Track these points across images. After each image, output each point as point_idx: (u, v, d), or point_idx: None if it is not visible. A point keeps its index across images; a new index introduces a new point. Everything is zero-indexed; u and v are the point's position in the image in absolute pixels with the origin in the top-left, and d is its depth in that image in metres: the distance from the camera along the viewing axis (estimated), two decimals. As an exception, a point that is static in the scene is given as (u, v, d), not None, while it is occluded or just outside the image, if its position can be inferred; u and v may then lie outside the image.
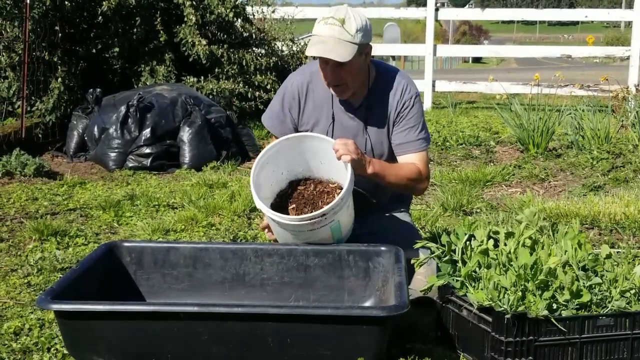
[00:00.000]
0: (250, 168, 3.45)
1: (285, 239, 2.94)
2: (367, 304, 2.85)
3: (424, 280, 2.89)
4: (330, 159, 2.82)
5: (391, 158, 3.08)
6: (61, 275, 3.33)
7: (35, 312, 3.00)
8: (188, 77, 7.67)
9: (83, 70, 7.60)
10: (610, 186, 5.40)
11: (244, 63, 7.91)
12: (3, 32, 7.03)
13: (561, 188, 5.49)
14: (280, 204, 2.99)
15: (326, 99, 3.02)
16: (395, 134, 3.03)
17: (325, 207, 2.74)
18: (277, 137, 3.10)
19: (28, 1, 6.58)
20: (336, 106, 3.02)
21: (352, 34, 2.80)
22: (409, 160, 3.02)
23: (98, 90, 6.74)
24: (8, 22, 7.00)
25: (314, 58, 2.93)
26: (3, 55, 6.99)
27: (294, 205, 2.98)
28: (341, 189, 2.88)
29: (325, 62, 2.86)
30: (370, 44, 2.95)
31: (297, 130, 3.09)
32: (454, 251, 2.72)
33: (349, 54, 2.79)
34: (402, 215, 3.27)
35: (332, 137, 3.00)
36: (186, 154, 6.20)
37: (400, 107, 3.00)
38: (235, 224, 4.41)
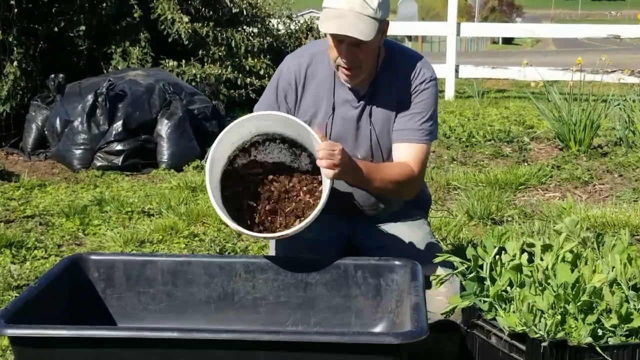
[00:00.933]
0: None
1: None
2: (378, 328, 2.85)
3: (445, 301, 2.88)
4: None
5: None
6: (17, 294, 3.33)
7: (-13, 338, 3.00)
8: (167, 60, 7.69)
9: (43, 52, 7.60)
10: (666, 190, 5.41)
11: (233, 44, 7.93)
12: (-52, 7, 7.03)
13: (608, 192, 5.49)
14: (237, 170, 2.93)
15: (327, 86, 3.01)
16: (398, 119, 3.02)
17: (295, 227, 2.74)
18: None
19: (-22, -30, 6.59)
20: (338, 95, 3.01)
21: (374, 8, 2.78)
22: (404, 151, 3.00)
23: (61, 75, 6.75)
24: (-46, -5, 7.01)
25: (325, 35, 2.92)
26: (-52, 35, 6.99)
27: (263, 206, 2.94)
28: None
29: (339, 41, 2.84)
30: (389, 20, 2.95)
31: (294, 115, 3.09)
32: (481, 267, 2.72)
33: (371, 31, 2.77)
34: (419, 224, 3.26)
35: (330, 131, 3.03)
36: (164, 152, 6.22)
37: (410, 91, 3.00)
38: (223, 234, 4.41)
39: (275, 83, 3.09)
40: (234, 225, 2.73)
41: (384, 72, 3.01)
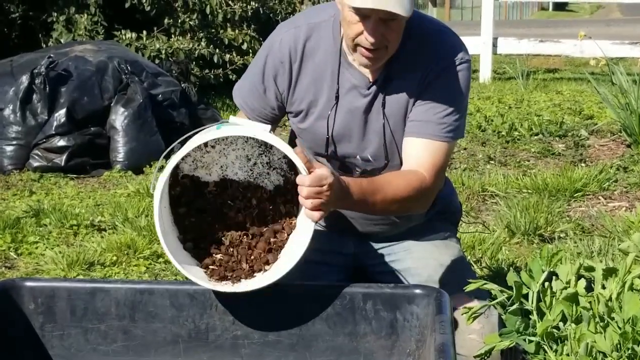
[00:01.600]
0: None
1: None
2: (394, 376, 2.86)
3: (479, 340, 2.89)
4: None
5: None
6: None
7: None
8: (123, 31, 7.70)
9: (-37, 21, 7.63)
10: None
11: (207, 11, 7.95)
12: None
13: (688, 202, 5.50)
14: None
15: (330, 68, 2.99)
16: (415, 108, 2.99)
17: (263, 282, 2.75)
18: (241, 110, 3.13)
19: None
20: (343, 79, 2.99)
21: None
22: (417, 150, 2.96)
23: (-14, 51, 6.77)
24: None
25: (353, 10, 2.87)
26: None
27: (218, 257, 2.95)
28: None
29: (364, 15, 2.82)
30: None
31: (282, 110, 3.09)
32: (526, 297, 2.73)
33: (411, 4, 2.76)
34: (446, 242, 3.27)
35: (333, 124, 3.02)
36: (120, 148, 6.23)
37: (433, 75, 2.97)
38: (195, 254, 4.42)
39: (264, 60, 3.07)
40: (184, 272, 2.74)
41: (404, 51, 2.96)
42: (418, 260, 3.19)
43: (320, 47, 2.99)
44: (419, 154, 2.96)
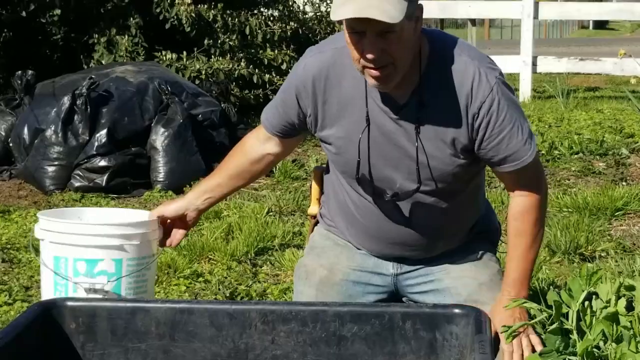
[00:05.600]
0: (255, 192, 3.50)
1: None
2: (434, 396, 2.85)
3: (520, 358, 2.88)
4: None
5: (457, 178, 3.06)
6: (-27, 350, 3.37)
7: None
8: (163, 52, 7.74)
9: (8, 42, 7.70)
10: None
11: (247, 31, 7.99)
12: None
13: None
14: None
15: (358, 91, 2.96)
16: (489, 147, 2.96)
17: None
18: (269, 132, 3.16)
19: None
20: (372, 103, 2.96)
21: None
22: (518, 179, 3.01)
23: (30, 72, 6.82)
24: None
25: (340, 24, 2.89)
26: None
27: None
28: None
29: (358, 33, 2.79)
30: (422, 3, 2.88)
31: (302, 126, 3.11)
32: (566, 316, 2.72)
33: (398, 11, 2.67)
34: (484, 261, 3.25)
35: (368, 148, 3.00)
36: (160, 168, 6.26)
37: (477, 108, 2.91)
38: (234, 273, 4.42)
39: (289, 83, 3.08)
40: None
41: (431, 72, 2.93)
42: (457, 280, 3.18)
43: (347, 71, 2.95)
44: (523, 181, 3.02)
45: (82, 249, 3.34)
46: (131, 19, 7.76)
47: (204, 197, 3.29)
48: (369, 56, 2.75)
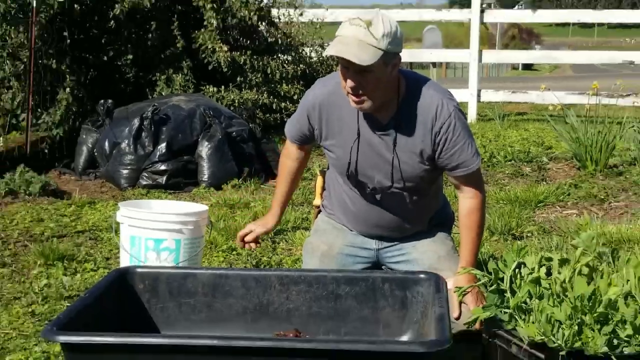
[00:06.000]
0: (274, 187, 3.50)
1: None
2: (405, 338, 2.84)
3: (467, 312, 2.87)
4: None
5: (423, 180, 3.06)
6: (68, 304, 3.37)
7: (40, 344, 3.03)
8: (207, 86, 7.74)
9: (93, 79, 7.70)
10: (678, 208, 5.35)
11: (268, 71, 7.97)
12: (7, 38, 7.13)
13: (623, 210, 5.44)
14: None
15: (352, 112, 2.98)
16: (446, 157, 2.96)
17: None
18: (291, 142, 3.25)
19: (34, 4, 6.69)
20: (362, 121, 2.98)
21: (378, 37, 2.72)
22: (467, 181, 3.01)
23: (109, 101, 6.82)
24: (13, 28, 7.10)
25: (336, 64, 2.94)
26: (7, 64, 7.09)
27: None
28: None
29: (345, 67, 2.80)
30: (399, 54, 2.88)
31: (312, 136, 3.14)
32: (502, 280, 2.71)
33: (370, 58, 2.71)
34: (442, 240, 3.25)
35: (357, 153, 3.02)
36: (205, 171, 6.25)
37: (440, 126, 2.92)
38: (259, 248, 4.42)
39: (302, 105, 3.14)
40: None
41: (407, 104, 2.94)
42: (422, 253, 3.19)
43: (344, 99, 2.95)
44: (470, 184, 3.03)
45: (152, 231, 3.37)
46: (184, 62, 7.75)
47: (279, 210, 3.40)
48: (349, 86, 2.81)
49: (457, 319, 2.89)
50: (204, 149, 6.30)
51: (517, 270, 2.71)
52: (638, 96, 9.90)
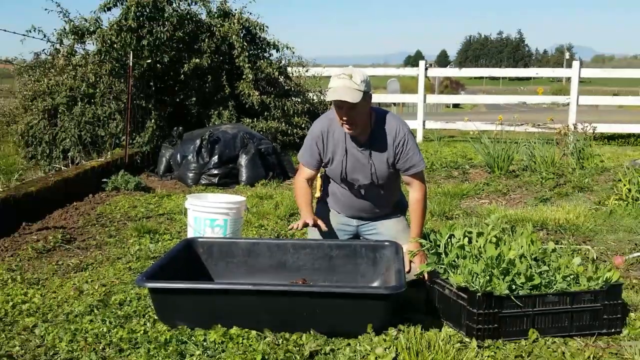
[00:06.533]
0: (289, 185, 3.49)
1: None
2: (375, 284, 2.85)
3: (416, 268, 2.88)
4: None
5: (389, 179, 3.05)
6: (153, 262, 3.37)
7: (135, 289, 3.03)
8: (245, 118, 7.73)
9: (170, 114, 7.70)
10: (555, 198, 5.34)
11: (285, 108, 7.97)
12: (113, 86, 7.15)
13: (519, 200, 5.44)
14: None
15: (341, 137, 2.98)
16: (402, 162, 2.97)
17: None
18: (305, 167, 3.07)
19: (130, 64, 6.70)
20: (348, 143, 2.98)
21: (358, 83, 2.77)
22: (415, 179, 2.99)
23: (180, 128, 6.84)
24: (116, 80, 7.13)
25: (331, 104, 2.92)
26: (113, 104, 7.10)
27: None
28: None
29: (339, 107, 2.81)
30: (371, 93, 2.91)
31: (321, 159, 3.06)
32: (439, 246, 2.72)
33: (357, 97, 2.76)
34: (400, 220, 3.26)
35: (346, 164, 2.99)
36: (243, 175, 6.23)
37: (398, 142, 2.95)
38: (279, 225, 4.42)
39: (310, 136, 3.08)
40: None
41: (376, 128, 2.96)
42: (387, 229, 3.18)
43: (336, 128, 2.96)
44: (416, 181, 3.00)
45: (208, 214, 3.37)
46: (229, 102, 7.74)
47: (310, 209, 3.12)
48: (344, 118, 2.82)
49: (409, 272, 2.90)
50: (243, 160, 6.28)
51: (449, 240, 2.72)
52: (529, 125, 9.90)
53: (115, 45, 6.92)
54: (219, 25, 7.79)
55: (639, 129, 10.22)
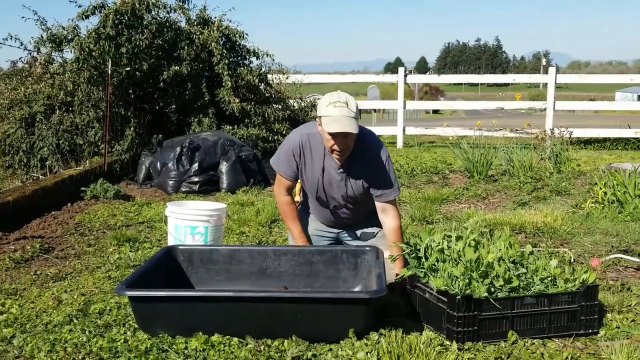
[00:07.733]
0: (271, 192, 3.48)
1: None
2: (356, 289, 2.85)
3: (397, 271, 2.89)
4: None
5: (364, 198, 3.02)
6: (133, 270, 3.34)
7: (114, 297, 3.00)
8: (225, 125, 7.71)
9: (149, 121, 7.65)
10: (533, 202, 5.41)
11: (266, 115, 7.96)
12: (91, 94, 7.08)
13: (497, 204, 5.49)
14: None
15: (319, 155, 2.94)
16: (377, 188, 2.95)
17: None
18: (283, 177, 3.02)
19: (109, 72, 6.65)
20: (327, 162, 2.95)
21: (354, 111, 2.77)
22: (389, 205, 2.96)
23: (160, 136, 6.79)
24: (95, 88, 7.06)
25: (319, 124, 2.85)
26: (91, 112, 7.04)
27: None
28: None
29: (337, 136, 2.78)
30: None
31: (297, 172, 3.01)
32: (419, 250, 2.73)
33: (356, 127, 2.76)
34: (375, 229, 3.25)
35: (322, 182, 2.95)
36: (224, 182, 6.21)
37: (376, 168, 2.94)
38: (260, 232, 4.42)
39: (286, 148, 3.02)
40: None
41: (355, 153, 2.93)
42: (365, 235, 3.19)
43: (314, 145, 2.94)
44: (391, 207, 2.97)
45: (189, 221, 3.34)
46: (209, 109, 7.71)
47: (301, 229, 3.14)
48: (339, 147, 2.81)
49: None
50: (224, 167, 6.27)
51: (429, 243, 2.73)
52: (506, 130, 10.02)
53: (93, 53, 6.86)
54: (198, 33, 7.77)
55: (615, 134, 10.41)
